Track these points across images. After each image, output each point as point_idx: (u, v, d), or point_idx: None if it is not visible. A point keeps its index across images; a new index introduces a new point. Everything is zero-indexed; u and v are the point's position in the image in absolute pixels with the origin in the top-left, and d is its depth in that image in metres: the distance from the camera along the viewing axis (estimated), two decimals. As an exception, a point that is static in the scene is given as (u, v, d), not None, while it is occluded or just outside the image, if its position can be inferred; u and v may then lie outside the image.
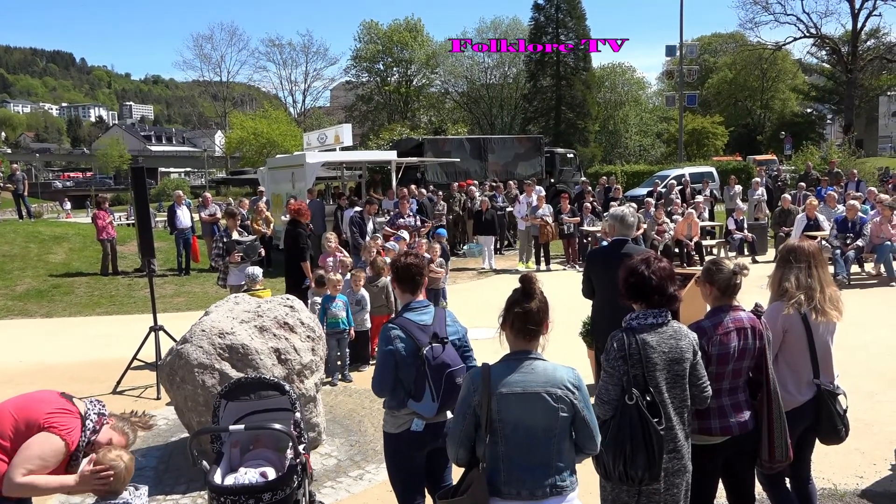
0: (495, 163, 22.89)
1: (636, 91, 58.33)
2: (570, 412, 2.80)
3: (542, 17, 49.51)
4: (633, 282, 3.24)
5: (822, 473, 4.87)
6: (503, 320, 2.91)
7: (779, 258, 3.90)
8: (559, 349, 7.65)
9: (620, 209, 5.57)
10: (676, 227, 14.78)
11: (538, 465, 2.78)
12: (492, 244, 15.60)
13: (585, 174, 29.37)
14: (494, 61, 58.07)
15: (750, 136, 60.08)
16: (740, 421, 3.44)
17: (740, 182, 19.71)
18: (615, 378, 3.12)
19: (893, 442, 5.38)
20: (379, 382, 3.56)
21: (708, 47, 64.68)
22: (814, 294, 3.73)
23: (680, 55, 37.15)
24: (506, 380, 2.80)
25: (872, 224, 11.80)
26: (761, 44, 48.63)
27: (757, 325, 3.49)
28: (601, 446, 3.08)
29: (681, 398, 3.17)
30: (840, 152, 28.80)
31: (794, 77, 63.51)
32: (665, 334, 3.16)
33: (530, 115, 51.43)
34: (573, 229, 15.10)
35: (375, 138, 31.80)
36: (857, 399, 6.06)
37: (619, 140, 54.01)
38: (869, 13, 42.41)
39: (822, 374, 3.75)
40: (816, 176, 20.12)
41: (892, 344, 7.91)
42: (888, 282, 11.49)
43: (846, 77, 44.57)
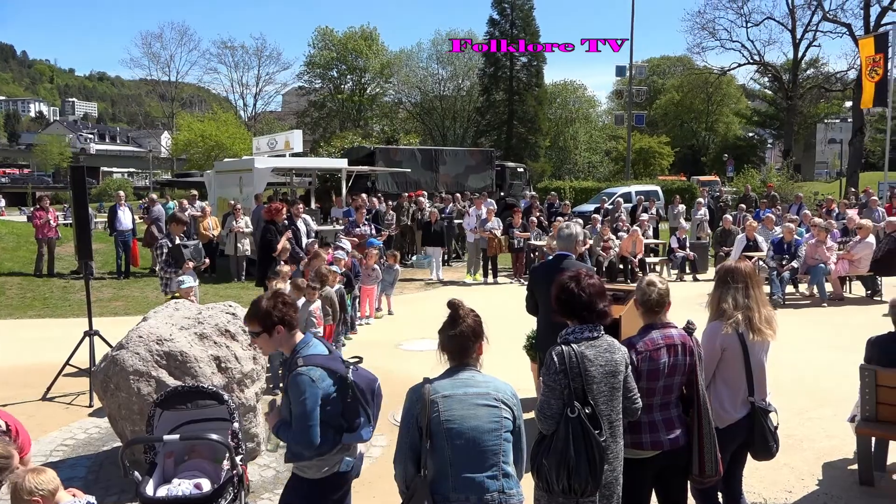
0: (446, 174, 22.98)
1: (586, 109, 59.42)
2: (512, 418, 2.88)
3: (496, 31, 50.08)
4: (563, 298, 3.31)
5: (753, 488, 5.00)
6: (438, 344, 3.01)
7: (717, 279, 4.01)
8: (504, 362, 7.72)
9: (564, 224, 5.64)
10: (621, 243, 15.06)
11: (486, 468, 2.80)
12: (440, 256, 15.63)
13: (535, 189, 29.73)
14: (449, 73, 58.44)
15: (694, 156, 61.87)
16: (671, 436, 3.51)
17: (684, 202, 20.22)
18: (556, 392, 3.16)
19: (821, 458, 5.57)
20: (312, 436, 3.11)
21: (657, 69, 66.44)
22: (751, 314, 3.84)
23: (629, 76, 37.99)
24: (448, 387, 2.87)
25: (807, 246, 12.24)
26: (707, 68, 50.08)
27: (688, 341, 3.55)
28: (545, 461, 3.13)
29: (616, 410, 3.25)
30: (779, 176, 29.83)
31: (737, 101, 65.76)
32: (600, 348, 3.23)
33: (483, 128, 51.87)
34: (523, 243, 15.23)
35: (326, 145, 31.55)
36: (788, 416, 6.26)
37: (568, 156, 54.89)
38: (809, 44, 44.16)
39: (757, 392, 3.86)
40: (755, 198, 20.78)
41: (822, 363, 8.18)
42: (820, 303, 11.91)
43: (786, 104, 46.21)
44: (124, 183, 58.65)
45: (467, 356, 2.97)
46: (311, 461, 3.23)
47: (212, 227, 15.23)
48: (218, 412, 4.07)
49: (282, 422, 3.22)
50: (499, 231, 15.05)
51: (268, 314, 3.26)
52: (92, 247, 7.90)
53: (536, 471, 3.16)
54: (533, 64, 50.63)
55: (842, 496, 4.93)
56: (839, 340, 9.26)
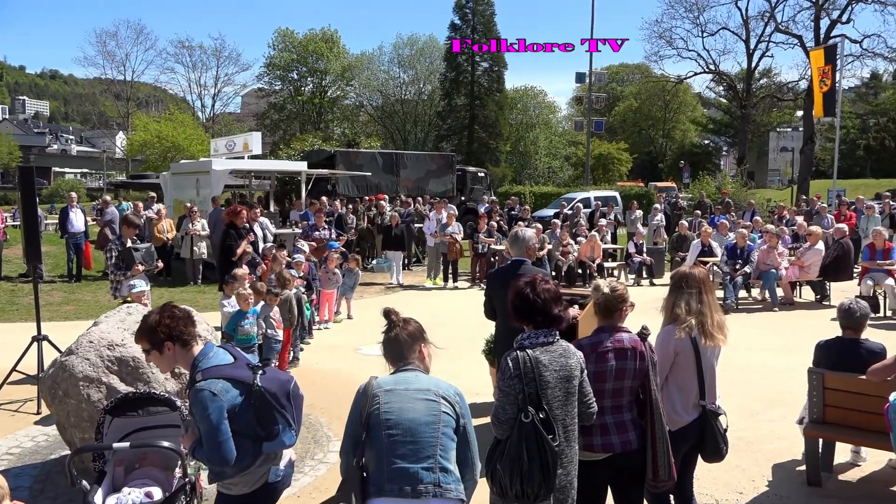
0: (407, 178, 22.98)
1: (547, 115, 59.95)
2: (454, 415, 2.92)
3: (458, 36, 50.22)
4: (519, 304, 3.34)
5: (706, 489, 5.10)
6: (382, 350, 3.12)
7: (671, 284, 4.07)
8: (463, 366, 7.74)
9: (518, 230, 5.66)
10: (580, 248, 15.23)
11: (422, 459, 2.82)
12: (400, 260, 15.59)
13: (496, 193, 29.91)
14: (410, 77, 58.43)
15: (652, 163, 62.90)
16: (623, 439, 3.55)
17: (641, 207, 20.53)
18: (511, 397, 3.20)
19: (771, 459, 5.69)
20: (225, 452, 2.94)
21: (616, 76, 67.46)
22: (704, 319, 3.92)
23: (589, 82, 38.52)
24: (391, 383, 2.96)
25: (759, 252, 12.53)
26: (665, 76, 51.01)
27: (639, 346, 3.58)
28: (498, 466, 3.16)
29: (571, 415, 3.28)
30: (733, 183, 30.49)
31: (693, 109, 67.09)
32: (556, 353, 3.26)
33: (444, 132, 51.95)
34: (486, 248, 15.27)
35: (286, 148, 31.21)
36: (739, 419, 6.40)
37: (528, 161, 55.29)
38: (762, 54, 45.30)
39: (708, 395, 3.93)
40: (710, 204, 21.21)
41: (773, 367, 8.37)
42: (771, 307, 12.20)
43: (740, 112, 47.31)
44: (77, 184, 57.11)
45: (404, 360, 3.04)
46: (234, 478, 3.09)
47: (167, 229, 14.97)
48: (171, 419, 3.99)
49: (196, 442, 3.07)
50: (459, 235, 15.09)
51: (153, 330, 3.08)
52: (41, 249, 7.68)
53: (491, 476, 3.19)
54: (494, 69, 50.90)
55: (790, 496, 5.05)
56: (789, 344, 9.49)
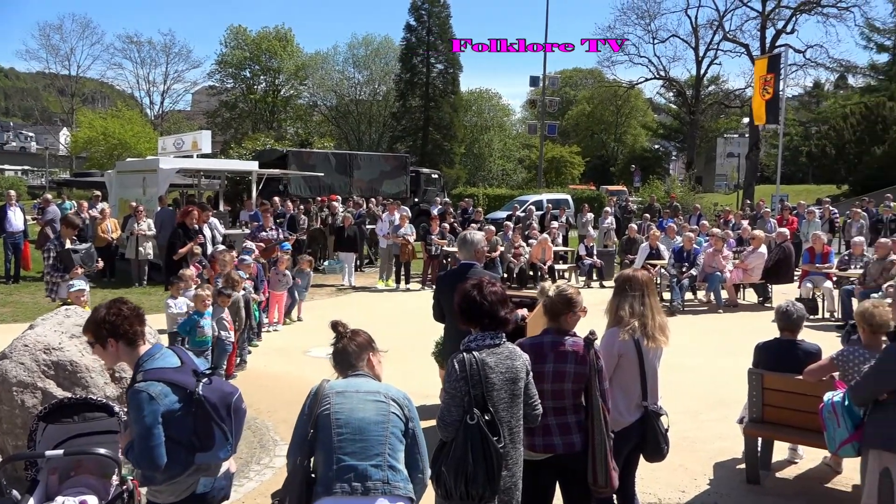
0: (360, 179, 22.87)
1: (501, 117, 60.32)
2: (403, 418, 2.96)
3: (413, 38, 50.20)
4: (466, 306, 3.35)
5: (649, 489, 5.18)
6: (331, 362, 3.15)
7: (615, 287, 4.14)
8: (413, 368, 7.72)
9: (468, 233, 5.68)
10: (532, 250, 15.35)
11: (371, 457, 2.83)
12: (352, 261, 15.48)
13: (450, 195, 29.97)
14: (365, 78, 58.13)
15: (604, 166, 63.83)
16: (567, 441, 3.57)
17: (593, 210, 20.82)
18: (457, 399, 3.21)
19: (713, 458, 5.82)
20: (156, 457, 2.89)
21: (569, 81, 68.21)
22: (646, 321, 3.98)
23: (542, 86, 38.90)
24: (342, 386, 2.99)
25: (705, 255, 12.82)
26: (617, 81, 51.90)
27: (580, 350, 3.58)
28: (443, 468, 3.16)
29: (516, 417, 3.31)
30: (681, 187, 31.18)
31: (644, 114, 68.36)
32: (502, 355, 3.28)
33: (398, 133, 51.83)
34: (439, 251, 15.26)
35: (237, 147, 30.73)
36: (683, 418, 6.52)
37: (483, 163, 55.52)
38: (710, 62, 46.47)
39: (650, 396, 4.00)
40: (658, 208, 21.63)
41: (717, 367, 8.56)
42: (716, 309, 12.49)
43: (689, 118, 48.39)
44: (17, 181, 55.22)
45: (352, 369, 3.07)
46: (162, 485, 3.03)
47: (111, 229, 14.59)
48: (108, 425, 3.86)
49: (130, 443, 3.02)
50: (412, 237, 15.06)
51: (98, 325, 3.07)
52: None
53: (436, 478, 3.19)
54: (449, 71, 51.00)
55: (730, 494, 5.17)
56: (733, 345, 9.71)
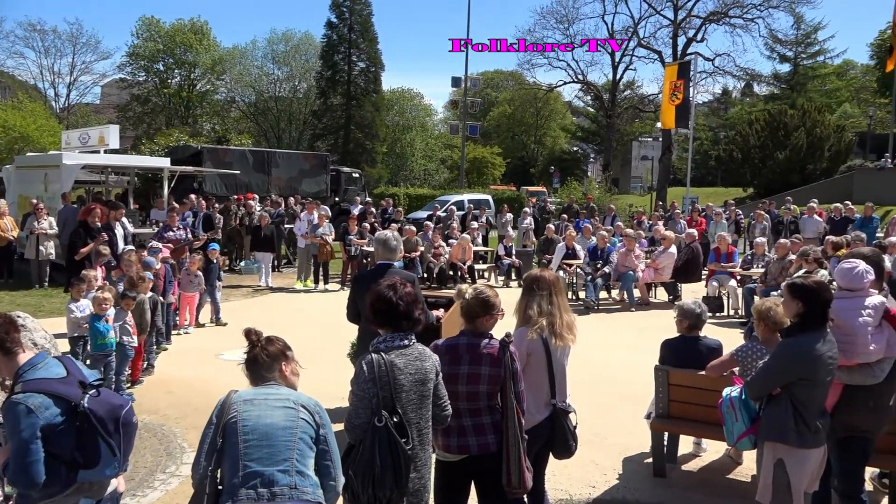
0: (279, 177, 22.42)
1: (423, 117, 60.38)
2: (313, 424, 2.89)
3: (334, 35, 49.67)
4: (381, 308, 3.30)
5: (561, 485, 5.26)
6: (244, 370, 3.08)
7: (524, 287, 4.17)
8: (331, 371, 7.59)
9: (385, 233, 5.64)
10: (452, 250, 15.41)
11: (278, 462, 2.76)
12: (269, 261, 15.14)
13: (371, 195, 29.79)
14: (285, 74, 57.05)
15: (524, 168, 64.81)
16: (481, 441, 3.58)
17: (512, 211, 21.08)
18: (365, 401, 3.17)
19: (623, 453, 5.96)
20: (33, 474, 2.76)
21: (491, 82, 68.90)
22: (554, 320, 4.03)
23: (464, 87, 39.15)
24: (250, 394, 2.92)
25: (618, 254, 13.17)
26: (537, 84, 52.80)
27: (495, 353, 3.58)
28: (351, 472, 3.11)
29: (425, 418, 3.29)
30: (598, 189, 32.03)
31: (563, 117, 69.76)
32: (411, 356, 3.26)
33: (319, 131, 51.17)
34: (358, 251, 15.10)
35: (149, 142, 29.63)
36: (594, 414, 6.65)
37: (405, 163, 55.45)
38: (626, 67, 47.94)
39: (558, 393, 4.04)
40: (576, 209, 22.11)
41: (628, 364, 8.77)
42: (629, 307, 12.85)
43: (606, 122, 49.76)
44: None
45: (262, 380, 3.01)
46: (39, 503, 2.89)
47: (9, 227, 13.79)
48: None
49: (7, 459, 2.85)
50: (331, 237, 14.86)
51: None
52: None
53: (344, 483, 3.13)
54: (371, 69, 50.70)
55: (638, 488, 5.30)
56: (644, 342, 9.98)
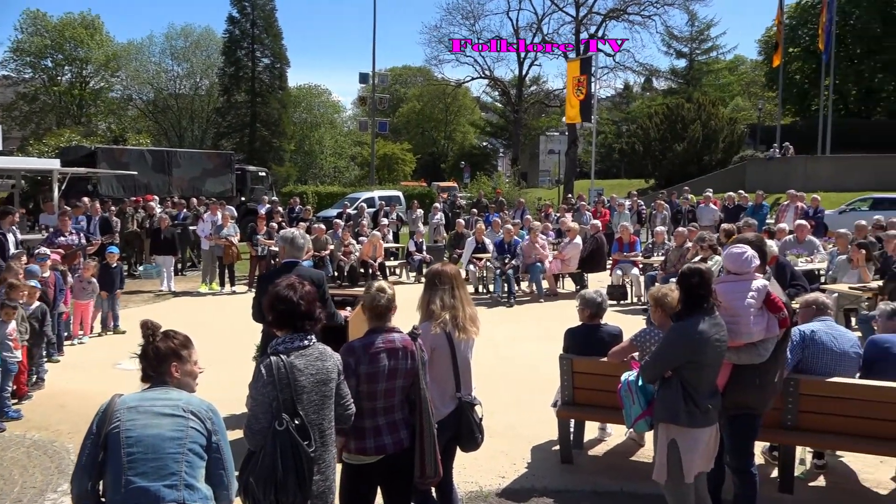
0: (181, 178, 21.69)
1: (332, 114, 59.73)
2: (205, 432, 2.75)
3: (236, 30, 48.40)
4: (282, 309, 3.22)
5: (471, 477, 5.29)
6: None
7: (426, 282, 4.16)
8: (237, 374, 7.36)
9: (290, 231, 5.55)
10: (362, 248, 15.29)
11: (165, 476, 2.62)
12: (171, 265, 14.58)
13: (280, 194, 29.22)
14: (185, 70, 55.10)
15: (435, 163, 65.05)
16: (396, 439, 3.58)
17: (423, 206, 21.13)
18: (264, 405, 3.09)
19: (532, 442, 6.05)
20: None
21: (399, 78, 68.82)
22: (457, 313, 4.04)
23: (372, 83, 38.91)
24: (135, 400, 2.75)
25: (524, 246, 13.39)
26: (445, 80, 53.06)
27: (409, 346, 3.64)
28: (251, 479, 3.03)
29: (328, 419, 3.23)
30: (507, 183, 32.49)
31: (472, 113, 70.43)
32: (311, 356, 3.19)
33: (223, 130, 49.77)
34: (266, 251, 14.73)
35: (38, 143, 27.99)
36: (505, 406, 6.76)
37: (314, 161, 54.69)
38: (531, 63, 48.84)
39: (463, 387, 4.05)
40: (485, 203, 22.37)
41: (537, 354, 8.90)
42: (538, 298, 13.10)
43: (514, 117, 50.57)
44: None
45: (154, 377, 2.87)
46: None
47: None
48: None
49: None
50: (236, 237, 14.45)
51: None
52: None
53: (244, 490, 3.05)
54: (276, 66, 49.68)
55: (546, 475, 5.40)
56: (552, 332, 10.08)
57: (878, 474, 5.35)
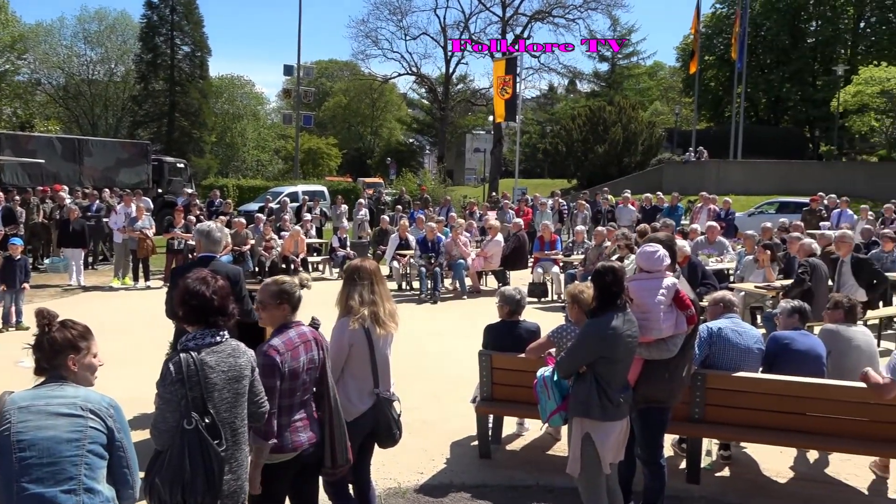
0: (93, 167, 20.77)
1: (255, 106, 58.38)
2: (105, 430, 2.63)
3: (155, 16, 46.66)
4: (194, 304, 3.11)
5: (390, 474, 5.28)
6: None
7: (345, 277, 4.11)
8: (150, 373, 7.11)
9: (207, 224, 5.42)
10: (284, 243, 15.03)
11: (62, 481, 2.50)
12: (80, 258, 13.93)
13: (200, 186, 28.43)
14: (99, 56, 52.76)
15: (361, 159, 64.68)
16: (309, 434, 3.56)
17: (348, 202, 20.94)
18: (172, 404, 2.97)
19: (451, 438, 6.08)
20: None
21: (325, 71, 67.96)
22: (376, 309, 4.01)
23: (297, 76, 38.25)
24: (27, 398, 2.60)
25: (446, 243, 13.46)
26: (372, 75, 52.68)
27: (319, 337, 3.65)
28: (157, 480, 2.93)
29: (240, 417, 3.15)
30: (433, 180, 32.58)
31: (399, 109, 70.29)
32: (223, 353, 3.10)
33: (140, 118, 47.91)
34: (183, 245, 14.26)
35: (-66, 128, 26.31)
36: (426, 402, 6.78)
37: (236, 153, 53.35)
38: (458, 61, 49.04)
39: (381, 383, 4.03)
40: (408, 200, 22.38)
41: (459, 351, 8.91)
42: (461, 295, 13.17)
43: (440, 114, 50.71)
44: None
45: (49, 370, 2.73)
46: None
47: None
48: None
49: None
50: (151, 230, 13.94)
51: None
52: None
53: (149, 491, 2.94)
54: (197, 54, 48.14)
55: (464, 471, 5.43)
56: (475, 329, 10.16)
57: (777, 464, 5.63)
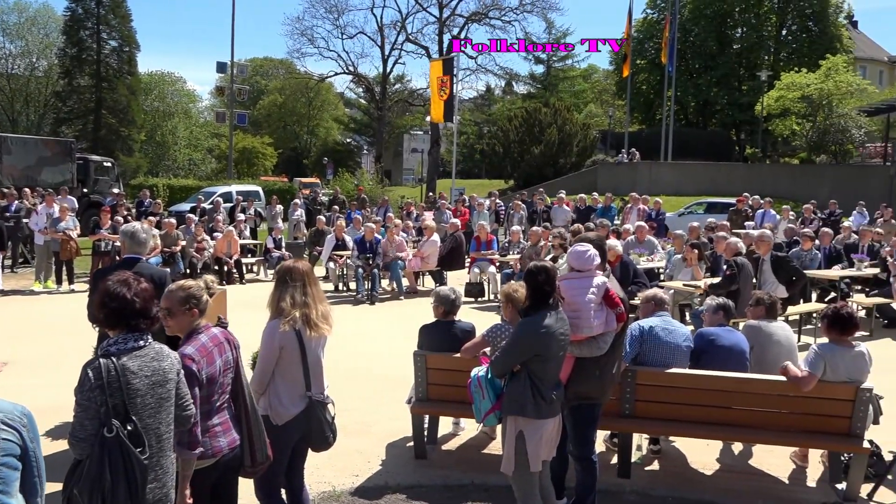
0: (13, 166, 19.97)
1: (187, 103, 56.91)
2: (19, 441, 2.50)
3: (80, 9, 44.84)
4: (114, 307, 2.99)
5: (324, 477, 5.21)
6: None
7: (276, 278, 4.04)
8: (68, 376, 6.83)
9: (132, 225, 5.26)
10: (216, 244, 14.69)
11: None
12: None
13: (129, 186, 27.56)
14: (19, 49, 50.51)
15: (297, 159, 63.76)
16: (230, 439, 3.49)
17: (284, 202, 20.62)
18: (91, 411, 2.86)
19: (386, 439, 6.05)
20: None
21: (260, 69, 66.72)
22: (308, 311, 3.95)
23: (231, 73, 37.43)
24: None
25: (382, 243, 13.40)
26: (308, 74, 51.95)
27: (229, 336, 3.60)
28: (76, 490, 2.82)
29: (166, 422, 3.05)
30: (371, 180, 32.44)
31: (336, 108, 69.59)
32: (146, 357, 2.99)
33: (64, 115, 46.01)
34: (110, 246, 13.76)
35: None
36: (362, 404, 6.74)
37: (167, 152, 51.88)
38: (395, 61, 48.84)
39: (314, 385, 3.97)
40: (343, 200, 22.18)
41: (395, 351, 8.81)
42: (398, 295, 13.14)
43: (377, 114, 50.41)
44: None
45: None
46: None
47: None
48: None
49: None
50: (74, 231, 13.41)
51: None
52: None
53: (67, 502, 2.83)
54: (125, 49, 46.52)
55: (400, 472, 5.41)
56: (411, 330, 10.11)
57: (704, 457, 5.80)
